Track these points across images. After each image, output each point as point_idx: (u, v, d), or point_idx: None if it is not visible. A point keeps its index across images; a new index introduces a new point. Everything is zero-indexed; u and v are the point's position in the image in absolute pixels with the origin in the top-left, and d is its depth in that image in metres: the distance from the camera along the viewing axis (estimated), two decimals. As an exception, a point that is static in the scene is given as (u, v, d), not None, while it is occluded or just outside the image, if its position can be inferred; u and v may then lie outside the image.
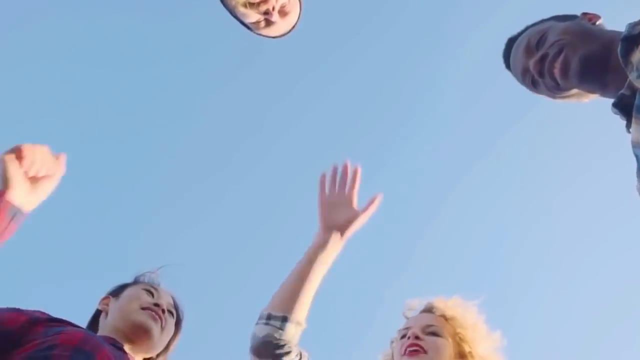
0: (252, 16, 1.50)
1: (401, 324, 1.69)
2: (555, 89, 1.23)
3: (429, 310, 1.70)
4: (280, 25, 1.52)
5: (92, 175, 4.36)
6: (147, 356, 1.52)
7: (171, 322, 1.55)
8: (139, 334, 1.43)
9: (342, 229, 1.49)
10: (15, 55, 4.23)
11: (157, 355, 1.54)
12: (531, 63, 1.24)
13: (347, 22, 4.56)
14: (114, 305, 1.53)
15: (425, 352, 1.54)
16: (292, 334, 1.38)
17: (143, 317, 1.45)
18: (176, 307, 1.61)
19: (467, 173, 4.50)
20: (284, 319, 1.38)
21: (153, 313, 1.47)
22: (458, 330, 1.63)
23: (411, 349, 1.55)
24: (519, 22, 1.44)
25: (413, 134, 4.79)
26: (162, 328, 1.49)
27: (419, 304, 1.75)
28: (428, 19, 4.69)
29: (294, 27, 1.57)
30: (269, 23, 1.51)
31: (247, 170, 4.54)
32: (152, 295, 1.54)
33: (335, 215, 1.51)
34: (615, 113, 1.15)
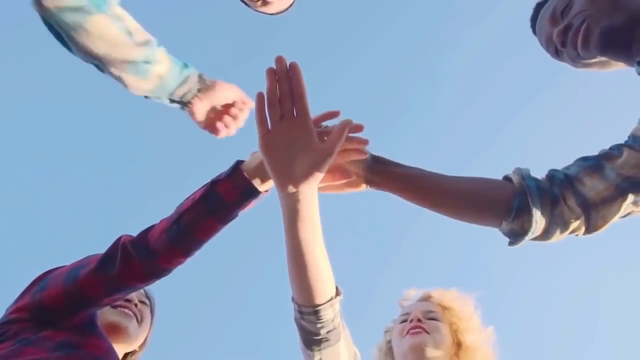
0: (249, -7, 1.49)
1: (394, 314, 1.68)
2: (577, 59, 1.23)
3: (426, 299, 1.69)
4: (278, 3, 1.50)
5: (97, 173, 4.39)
6: (129, 350, 1.48)
7: (147, 311, 1.50)
8: (115, 333, 1.38)
9: (305, 179, 1.04)
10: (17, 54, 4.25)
11: (139, 347, 1.51)
12: (554, 33, 1.23)
13: (345, 20, 4.53)
14: None
15: (428, 333, 1.54)
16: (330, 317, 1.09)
17: (115, 317, 1.40)
18: (147, 295, 1.55)
19: (466, 166, 4.49)
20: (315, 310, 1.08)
21: (125, 310, 1.42)
22: (454, 320, 1.63)
23: (414, 330, 1.54)
24: (517, 21, 1.41)
25: (410, 132, 4.78)
26: (139, 322, 1.45)
27: (415, 293, 1.73)
28: (426, 18, 4.67)
29: (292, 4, 1.55)
30: (265, 1, 1.49)
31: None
32: None
33: (290, 162, 1.05)
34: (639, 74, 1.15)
